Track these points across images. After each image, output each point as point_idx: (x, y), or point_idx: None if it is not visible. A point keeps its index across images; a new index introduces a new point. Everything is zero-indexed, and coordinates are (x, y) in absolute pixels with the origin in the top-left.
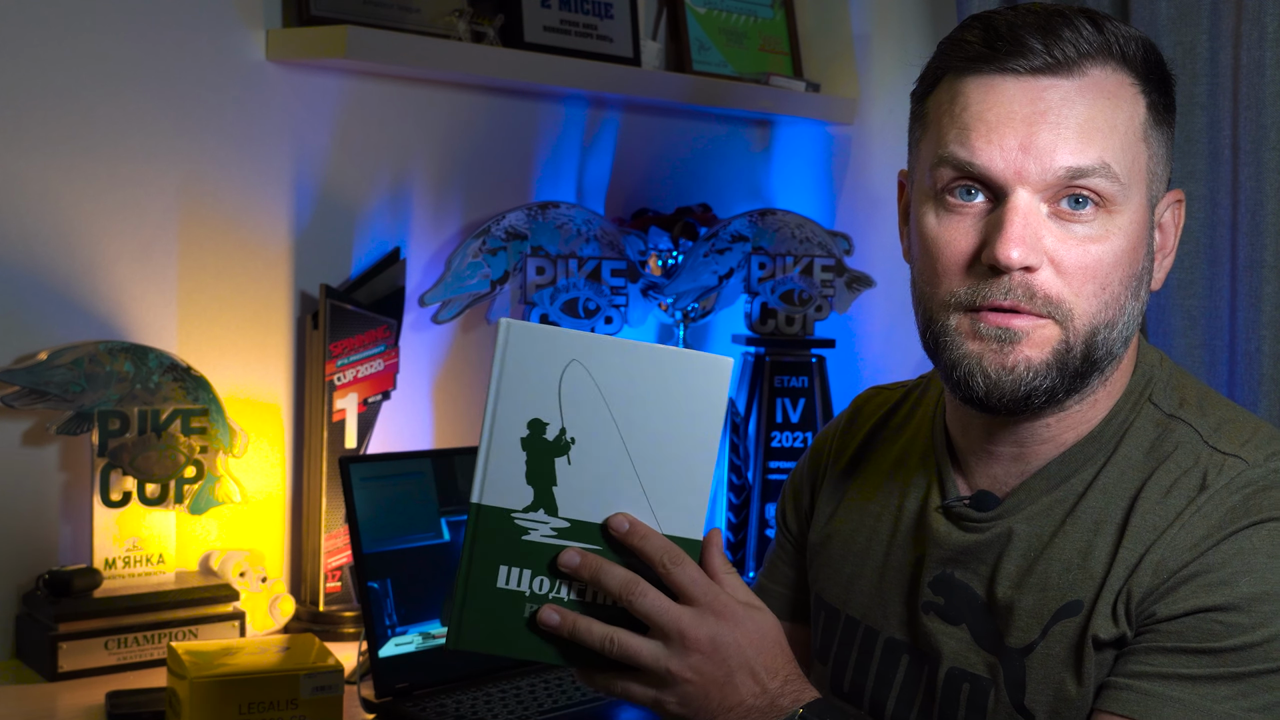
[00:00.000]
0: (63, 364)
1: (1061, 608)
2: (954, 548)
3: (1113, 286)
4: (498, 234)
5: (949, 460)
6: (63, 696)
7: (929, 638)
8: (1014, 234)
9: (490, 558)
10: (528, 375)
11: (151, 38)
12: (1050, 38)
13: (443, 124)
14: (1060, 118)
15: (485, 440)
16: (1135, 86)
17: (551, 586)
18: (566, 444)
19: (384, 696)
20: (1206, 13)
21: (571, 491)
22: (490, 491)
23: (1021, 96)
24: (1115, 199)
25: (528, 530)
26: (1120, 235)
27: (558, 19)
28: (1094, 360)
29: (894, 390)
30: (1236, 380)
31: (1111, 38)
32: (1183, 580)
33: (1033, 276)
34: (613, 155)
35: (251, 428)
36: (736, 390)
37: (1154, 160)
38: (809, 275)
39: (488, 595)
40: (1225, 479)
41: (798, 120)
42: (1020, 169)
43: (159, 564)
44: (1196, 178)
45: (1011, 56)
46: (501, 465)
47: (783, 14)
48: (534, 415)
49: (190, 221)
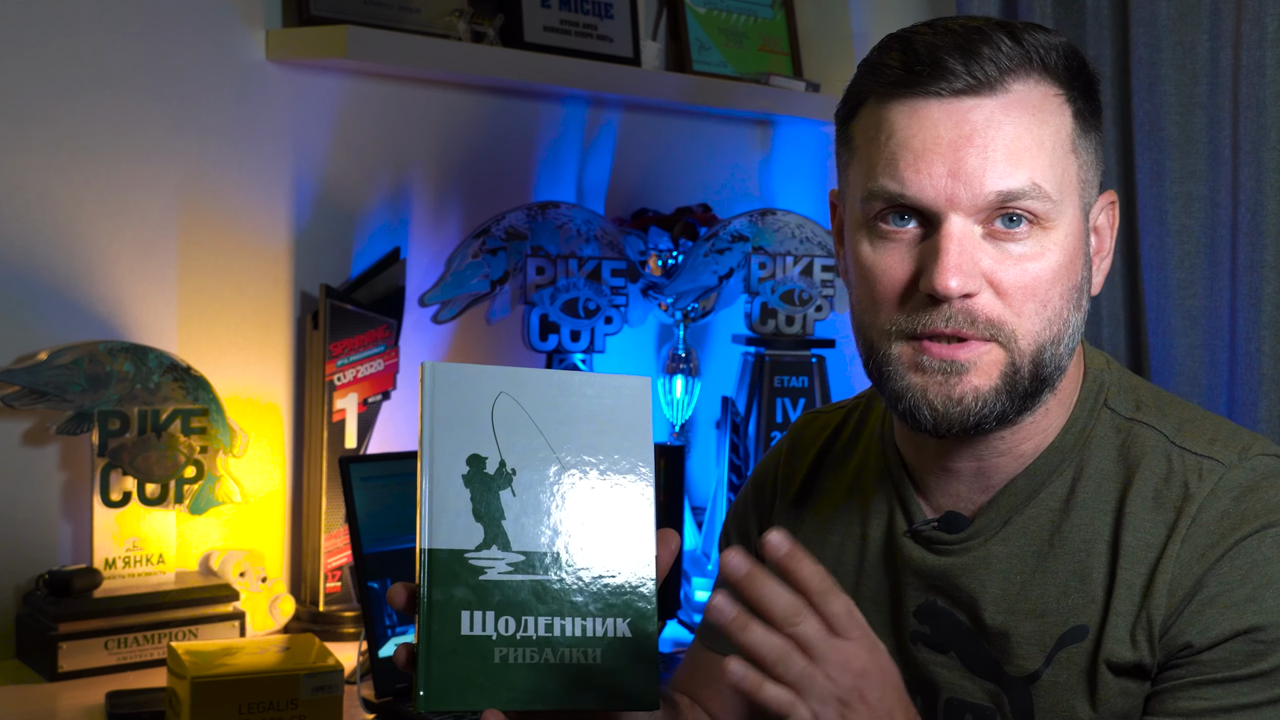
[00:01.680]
0: (63, 364)
1: (1065, 633)
2: (930, 573)
3: (1054, 302)
4: (498, 234)
5: (907, 481)
6: (63, 696)
7: (921, 668)
8: (950, 263)
9: (451, 604)
10: (459, 412)
11: (151, 38)
12: (970, 57)
13: (443, 124)
14: (986, 140)
15: (426, 482)
16: (1060, 96)
17: (518, 626)
18: (509, 475)
19: (384, 696)
20: (1206, 13)
21: (521, 524)
22: (439, 534)
23: (946, 120)
24: (1049, 215)
25: (484, 570)
26: (1056, 250)
27: (558, 19)
28: (1043, 378)
29: (832, 413)
30: (1236, 380)
31: (1031, 49)
32: (1206, 603)
33: (972, 301)
34: (613, 155)
35: (251, 428)
36: (736, 390)
37: (1084, 169)
38: (809, 275)
39: (453, 644)
40: (1209, 485)
41: (798, 120)
42: (951, 195)
43: (159, 564)
44: (1196, 178)
45: (932, 79)
46: (446, 506)
47: (783, 14)
48: (472, 450)
49: (190, 221)
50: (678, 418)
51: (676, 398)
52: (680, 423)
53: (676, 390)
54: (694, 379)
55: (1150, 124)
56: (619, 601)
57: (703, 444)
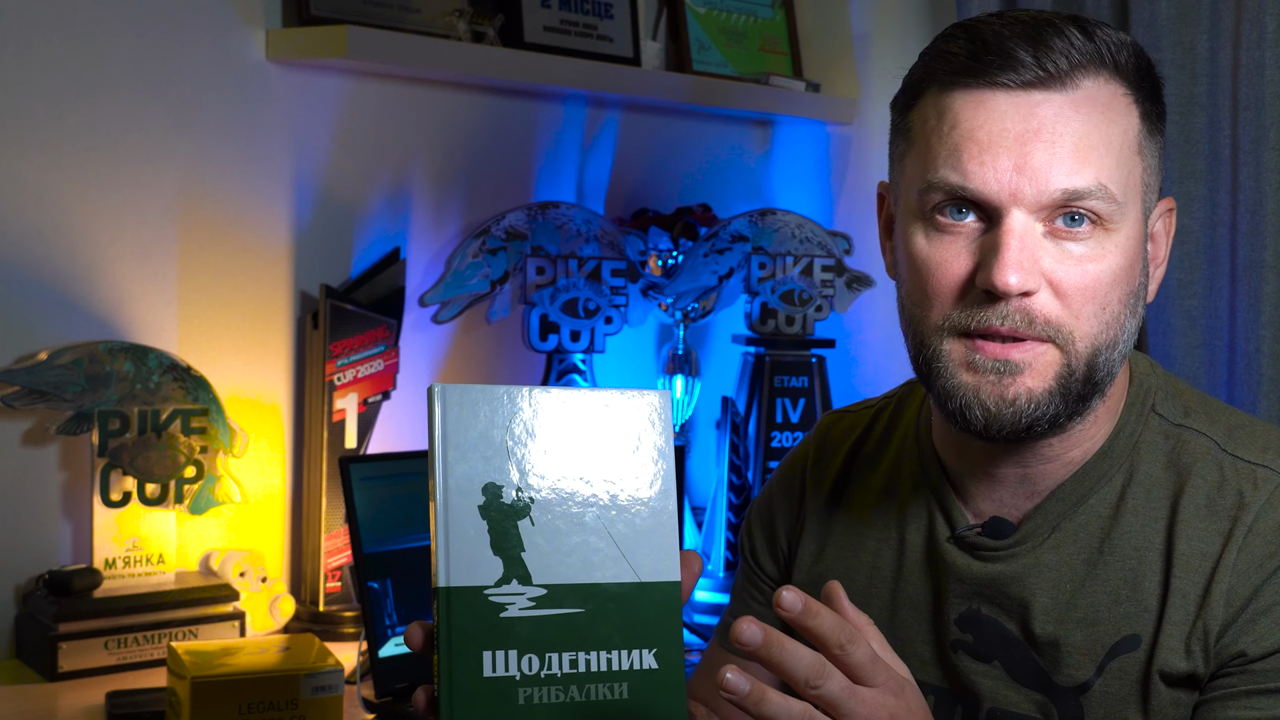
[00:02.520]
0: (63, 364)
1: (1117, 643)
2: (975, 580)
3: (1112, 305)
4: (498, 234)
5: (947, 485)
6: (63, 696)
7: (962, 678)
8: (1011, 259)
9: (471, 645)
10: (471, 439)
11: (151, 38)
12: (1040, 48)
13: (443, 124)
14: (1055, 135)
15: (441, 516)
16: (1129, 97)
17: (542, 664)
18: (526, 505)
19: (384, 696)
20: (1206, 13)
21: (541, 555)
22: (457, 571)
23: (1013, 113)
24: (1112, 217)
25: (504, 606)
26: (1117, 252)
27: (558, 19)
28: (1096, 382)
29: (859, 412)
30: (1236, 380)
31: (1103, 46)
32: (1262, 611)
33: (1030, 300)
34: (613, 155)
35: (251, 428)
36: (736, 390)
37: (1148, 172)
38: (809, 275)
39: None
40: (1264, 494)
41: (798, 120)
42: (1015, 190)
43: (159, 564)
44: (1196, 178)
45: (1001, 70)
46: (463, 540)
47: (783, 14)
48: (487, 480)
49: (190, 221)
50: (678, 418)
51: (676, 398)
52: (680, 423)
53: (676, 390)
54: (694, 379)
55: None
56: (645, 632)
57: (703, 444)
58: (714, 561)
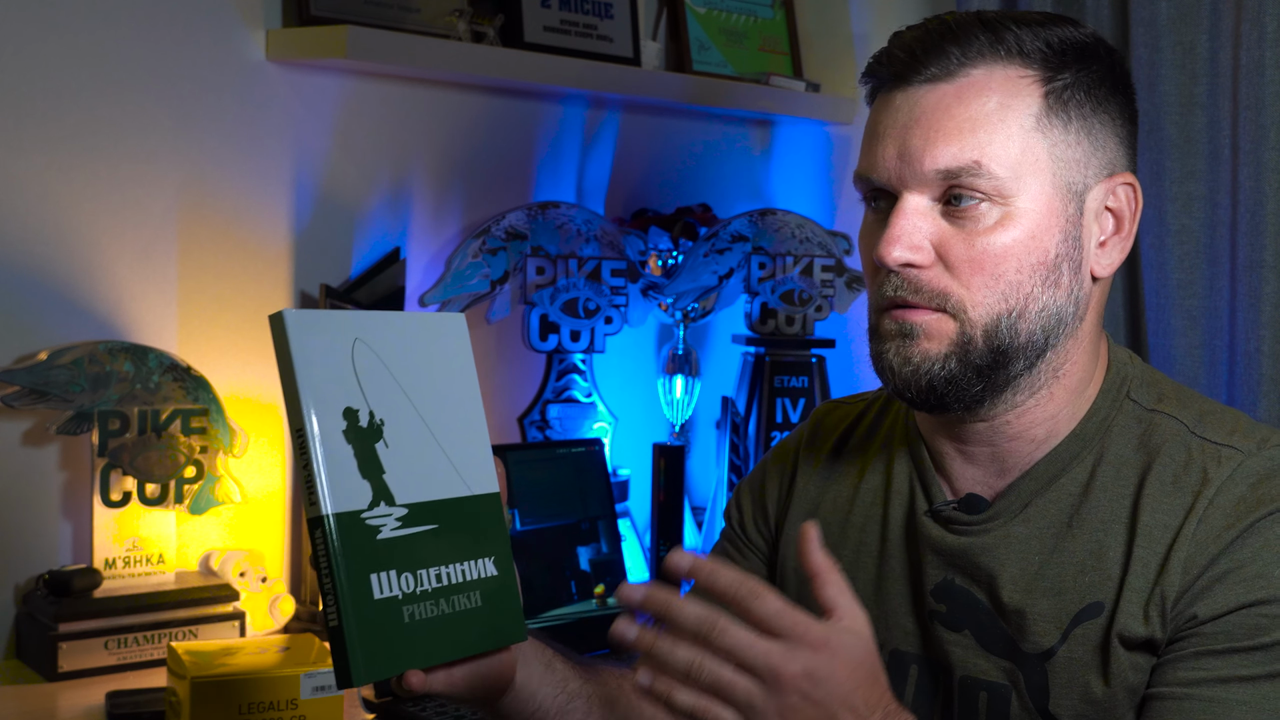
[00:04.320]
0: (63, 364)
1: (1081, 610)
2: (949, 551)
3: (1008, 276)
4: (498, 234)
5: (929, 463)
6: (63, 696)
7: (937, 647)
8: (892, 235)
9: (359, 569)
10: (325, 363)
11: (151, 38)
12: (934, 49)
13: (443, 124)
14: (932, 121)
15: (313, 441)
16: (1029, 78)
17: (416, 581)
18: (378, 426)
19: (384, 696)
20: (1206, 13)
21: (397, 476)
22: (336, 497)
23: (904, 106)
24: (999, 191)
25: (379, 529)
26: (1013, 226)
27: (558, 19)
28: (1001, 349)
29: (853, 404)
30: (1236, 380)
31: (1010, 38)
32: (1217, 579)
33: (920, 272)
34: (613, 155)
35: (251, 428)
36: (736, 390)
37: (1059, 147)
38: (809, 275)
39: (368, 610)
40: (1227, 470)
41: (798, 120)
42: (899, 174)
43: (159, 564)
44: (1196, 178)
45: (907, 70)
46: (336, 465)
47: (783, 14)
48: (345, 404)
49: (190, 221)
50: (678, 418)
51: (676, 398)
52: (680, 423)
53: (676, 390)
54: (694, 379)
55: (1150, 124)
56: (483, 542)
57: (703, 444)
58: None
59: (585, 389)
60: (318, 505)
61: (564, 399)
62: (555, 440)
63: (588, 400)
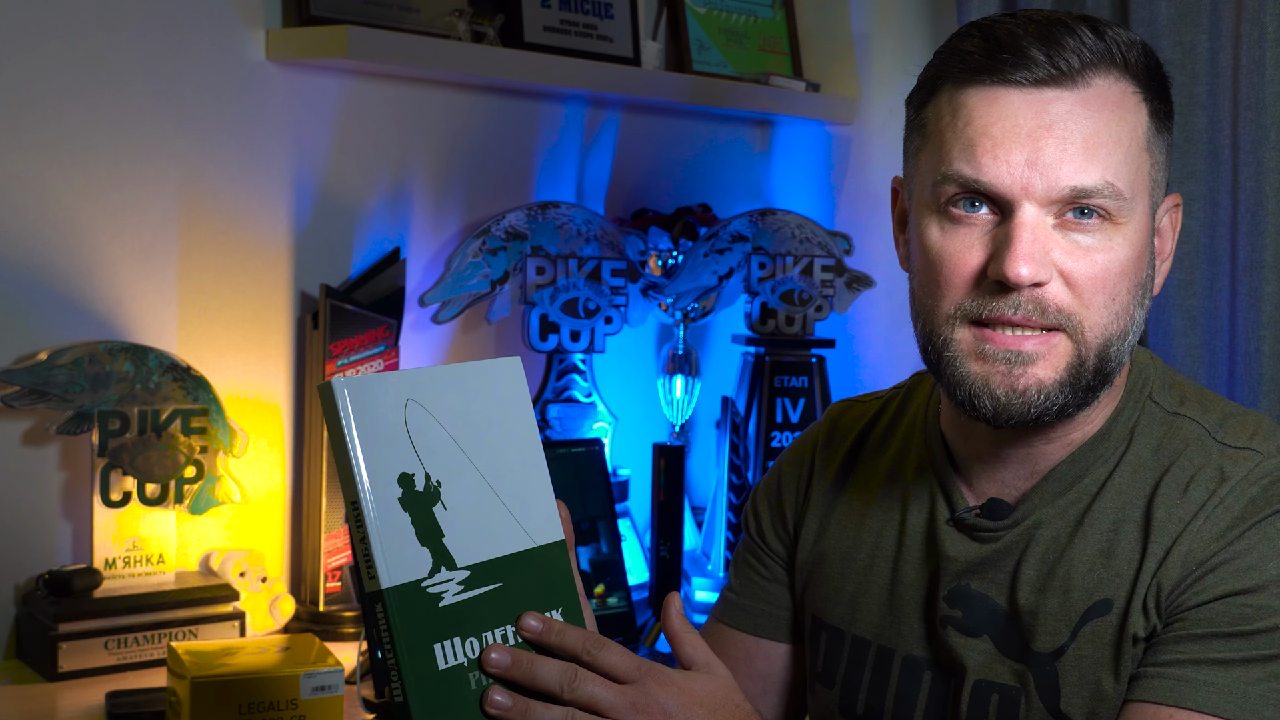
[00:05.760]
0: (63, 364)
1: (1090, 608)
2: (970, 561)
3: (1121, 296)
4: (498, 234)
5: (950, 468)
6: (63, 696)
7: (951, 652)
8: (1023, 250)
9: (423, 641)
10: (377, 429)
11: (151, 38)
12: (1053, 47)
13: (443, 124)
14: (1066, 132)
15: (369, 514)
16: (1138, 95)
17: (480, 645)
18: (435, 489)
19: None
20: (1206, 13)
21: (457, 537)
22: (395, 569)
23: (1026, 109)
24: (1120, 212)
25: (440, 596)
26: (1126, 245)
27: (558, 19)
28: (1106, 373)
29: (868, 403)
30: (1236, 380)
31: (1113, 44)
32: (1209, 570)
33: (1042, 291)
34: (613, 155)
35: (251, 428)
36: (736, 390)
37: (1155, 168)
38: (809, 275)
39: (433, 683)
40: (1243, 471)
41: (798, 120)
42: (1027, 184)
43: (159, 564)
44: (1196, 178)
45: (1015, 68)
46: (393, 536)
47: (783, 14)
48: (399, 470)
49: (190, 221)
50: (678, 418)
51: (676, 398)
52: (680, 423)
53: (676, 390)
54: (694, 379)
55: None
56: (550, 593)
57: (703, 444)
58: (714, 561)
59: (585, 389)
60: (376, 579)
61: (564, 399)
62: (555, 440)
63: (588, 400)
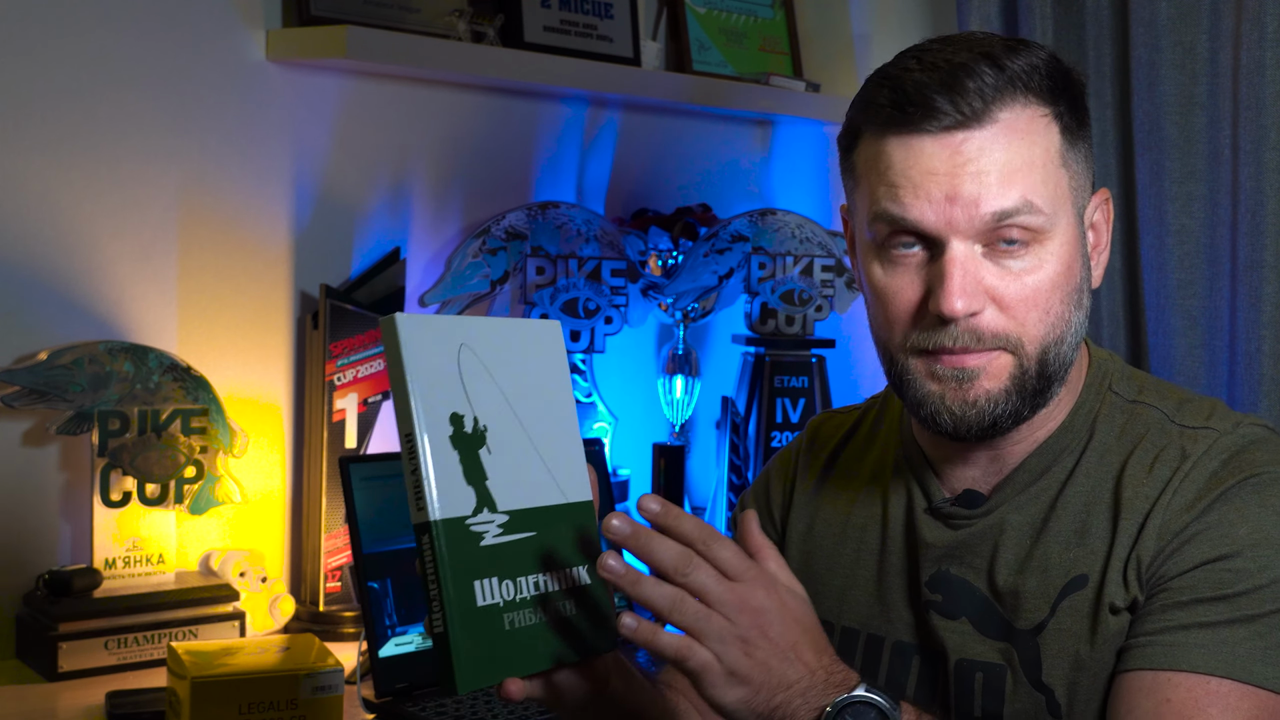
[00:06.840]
0: (63, 364)
1: (1067, 584)
2: (946, 546)
3: (1055, 308)
4: (498, 234)
5: (926, 466)
6: (63, 696)
7: (934, 634)
8: (955, 286)
9: (465, 576)
10: (433, 368)
11: (151, 38)
12: (956, 93)
13: (443, 124)
14: (979, 167)
15: (423, 446)
16: (1046, 115)
17: (515, 589)
18: (482, 433)
19: (384, 696)
20: (1206, 13)
21: (499, 482)
22: (444, 503)
23: (940, 153)
24: (1043, 228)
25: (482, 535)
26: (1054, 259)
27: (558, 19)
28: (1049, 375)
29: (847, 414)
30: (1236, 380)
31: (1014, 76)
32: (1186, 540)
33: (977, 320)
34: (613, 155)
35: (251, 428)
36: (736, 390)
37: (1075, 177)
38: (809, 275)
39: (473, 619)
40: (1203, 448)
41: (798, 120)
42: (950, 219)
43: (159, 564)
44: (1196, 178)
45: (923, 119)
46: (444, 471)
47: (783, 14)
48: (452, 409)
49: (190, 221)
50: (678, 418)
51: (676, 398)
52: (680, 423)
53: (676, 390)
54: (694, 379)
55: (1150, 124)
56: (577, 550)
57: (703, 444)
58: None
59: (585, 389)
60: (425, 510)
61: None
62: None
63: (588, 400)
